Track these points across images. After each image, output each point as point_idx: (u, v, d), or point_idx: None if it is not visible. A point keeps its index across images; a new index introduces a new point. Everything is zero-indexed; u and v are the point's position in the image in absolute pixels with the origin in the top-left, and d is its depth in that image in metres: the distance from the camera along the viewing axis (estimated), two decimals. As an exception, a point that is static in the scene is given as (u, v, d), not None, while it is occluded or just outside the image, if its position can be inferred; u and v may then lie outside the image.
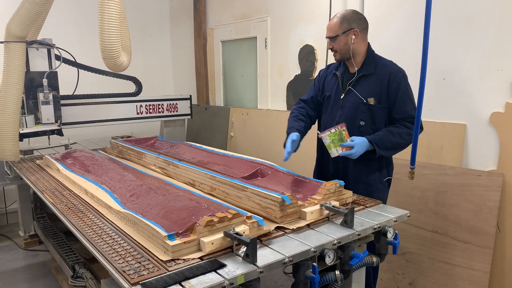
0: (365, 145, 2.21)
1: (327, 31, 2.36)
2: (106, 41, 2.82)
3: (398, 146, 2.28)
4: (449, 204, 2.72)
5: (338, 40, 2.30)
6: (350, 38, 2.29)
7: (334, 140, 2.19)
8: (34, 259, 3.95)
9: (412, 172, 1.90)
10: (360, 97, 2.32)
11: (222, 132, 4.89)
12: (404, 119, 2.28)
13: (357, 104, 2.32)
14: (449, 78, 2.79)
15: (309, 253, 1.59)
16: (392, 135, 2.24)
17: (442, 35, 2.80)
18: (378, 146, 2.21)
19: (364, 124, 2.32)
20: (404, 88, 2.28)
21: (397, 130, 2.26)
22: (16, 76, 3.09)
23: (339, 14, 2.34)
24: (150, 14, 5.80)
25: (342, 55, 2.35)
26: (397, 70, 2.31)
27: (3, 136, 3.06)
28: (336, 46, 2.33)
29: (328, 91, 2.49)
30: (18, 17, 2.96)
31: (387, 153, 2.29)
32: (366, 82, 2.33)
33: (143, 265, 1.45)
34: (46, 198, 2.31)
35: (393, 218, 1.93)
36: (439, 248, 2.75)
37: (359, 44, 2.33)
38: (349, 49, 2.31)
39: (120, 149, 3.43)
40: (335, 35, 2.30)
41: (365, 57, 2.36)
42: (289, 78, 4.07)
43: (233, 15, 4.74)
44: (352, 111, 2.34)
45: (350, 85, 2.37)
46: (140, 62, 5.67)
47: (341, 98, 2.40)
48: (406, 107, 2.28)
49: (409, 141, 2.22)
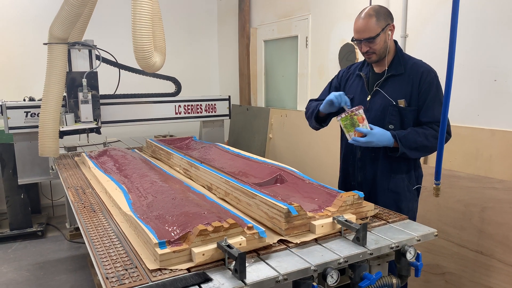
0: (385, 138, 2.03)
1: (362, 32, 2.08)
2: (138, 42, 2.85)
3: (422, 147, 2.07)
4: (497, 222, 2.40)
5: (378, 40, 2.06)
6: (387, 34, 2.08)
7: (347, 125, 2.04)
8: (76, 251, 4.15)
9: (437, 189, 1.66)
10: (389, 98, 2.13)
11: (262, 134, 4.80)
12: (431, 122, 2.08)
13: (386, 106, 2.14)
14: (501, 80, 2.47)
15: (308, 271, 1.45)
16: (418, 135, 2.05)
17: (495, 32, 2.48)
18: (401, 142, 2.03)
19: (393, 128, 2.12)
20: (435, 89, 2.08)
21: (423, 131, 2.06)
22: (58, 76, 3.24)
23: (370, 11, 2.08)
24: (199, 14, 5.87)
25: (380, 55, 2.12)
26: (429, 70, 2.10)
27: (44, 133, 3.22)
28: (375, 47, 2.08)
29: (352, 93, 2.30)
30: (59, 19, 3.10)
31: (410, 153, 2.07)
32: (395, 82, 2.13)
33: (129, 272, 1.40)
34: (68, 195, 2.37)
35: (416, 237, 1.71)
36: (483, 271, 2.44)
37: (391, 41, 2.14)
38: (387, 47, 2.10)
39: (153, 149, 3.47)
40: (375, 35, 2.04)
41: (393, 55, 2.16)
42: (328, 78, 3.86)
43: (275, 14, 4.63)
44: (380, 114, 2.15)
45: (378, 86, 2.18)
46: (188, 62, 5.78)
47: (367, 100, 2.21)
48: (435, 110, 2.07)
49: (435, 146, 2.01)
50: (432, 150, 2.10)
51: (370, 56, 2.13)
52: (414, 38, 3.03)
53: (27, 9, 4.77)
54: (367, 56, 2.15)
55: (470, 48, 2.62)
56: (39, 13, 4.70)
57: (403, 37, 3.08)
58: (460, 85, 2.68)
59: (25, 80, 4.82)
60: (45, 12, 4.33)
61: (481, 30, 2.57)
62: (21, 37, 4.78)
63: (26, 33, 4.77)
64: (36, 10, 4.76)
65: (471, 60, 2.63)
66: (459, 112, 2.70)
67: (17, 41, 4.78)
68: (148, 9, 2.78)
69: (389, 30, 2.09)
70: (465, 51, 2.63)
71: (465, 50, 2.63)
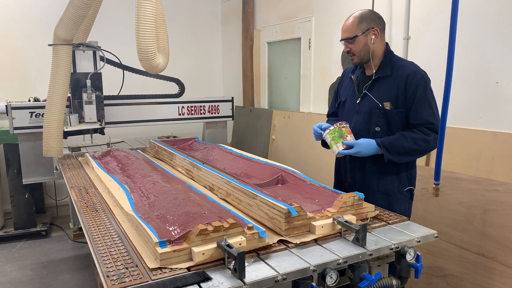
0: (371, 147, 2.08)
1: (343, 32, 2.19)
2: (141, 43, 2.87)
3: (411, 152, 2.08)
4: (499, 225, 2.39)
5: (357, 41, 2.14)
6: (370, 38, 2.14)
7: (335, 137, 2.12)
8: (80, 250, 4.18)
9: (437, 189, 1.67)
10: (376, 101, 2.16)
11: (265, 135, 4.81)
12: (420, 125, 2.08)
13: (373, 109, 2.17)
14: (503, 82, 2.46)
15: (307, 271, 1.46)
16: (405, 140, 2.06)
17: (496, 34, 2.48)
18: (387, 149, 2.06)
19: (379, 130, 2.15)
20: (422, 91, 2.07)
21: (411, 135, 2.07)
22: (62, 77, 3.27)
23: (356, 14, 2.18)
24: (203, 16, 5.90)
25: (361, 57, 2.18)
26: (415, 72, 2.09)
27: (48, 133, 3.25)
28: (354, 48, 2.16)
29: (344, 96, 2.36)
30: (63, 21, 3.12)
31: (399, 159, 2.09)
32: (382, 85, 2.16)
33: (130, 271, 1.41)
34: (72, 195, 2.39)
35: (415, 238, 1.72)
36: (485, 273, 2.43)
37: (378, 45, 2.17)
38: (369, 50, 2.15)
39: (156, 150, 3.49)
40: (353, 36, 2.13)
41: (382, 58, 2.19)
42: (331, 80, 3.89)
43: (279, 16, 4.65)
44: (368, 116, 2.19)
45: (366, 89, 2.21)
46: (192, 63, 5.81)
47: (357, 103, 2.25)
48: (423, 112, 2.07)
49: (425, 148, 2.08)
50: (422, 153, 2.13)
51: (352, 57, 2.21)
52: (416, 40, 3.03)
53: (32, 10, 4.82)
54: (351, 58, 2.23)
55: (472, 50, 2.62)
56: (44, 14, 4.75)
57: (406, 39, 3.08)
58: (462, 87, 2.68)
59: (30, 81, 4.86)
60: (50, 13, 4.37)
61: (483, 32, 2.56)
62: (26, 38, 4.82)
63: (31, 34, 4.81)
64: (41, 11, 4.80)
65: (473, 62, 2.62)
66: (461, 114, 2.70)
67: (22, 42, 4.83)
68: (151, 10, 2.79)
69: (373, 34, 2.13)
70: (467, 53, 2.63)
71: (467, 52, 2.63)
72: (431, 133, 2.05)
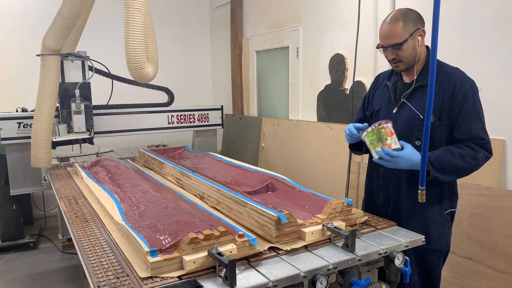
0: (413, 159, 1.78)
1: (387, 38, 1.88)
2: (131, 53, 2.88)
3: (458, 170, 1.82)
4: (485, 228, 2.44)
5: (406, 46, 1.86)
6: (417, 40, 1.88)
7: (373, 141, 1.83)
8: (69, 261, 4.12)
9: (422, 194, 1.70)
10: (416, 112, 1.91)
11: (255, 143, 4.84)
12: (468, 140, 1.84)
13: (413, 121, 1.92)
14: (485, 89, 2.52)
15: (298, 278, 1.48)
16: (453, 156, 1.80)
17: (477, 40, 2.55)
18: (433, 165, 1.77)
19: (420, 144, 1.83)
20: (471, 101, 1.84)
21: (458, 150, 1.82)
22: (50, 87, 3.26)
23: (397, 14, 1.87)
24: (191, 25, 5.93)
25: (409, 63, 1.92)
26: (464, 80, 1.87)
27: (36, 143, 3.23)
28: (402, 54, 1.88)
29: (378, 104, 2.10)
30: (52, 31, 3.12)
31: (444, 177, 1.82)
32: (424, 94, 1.84)
33: (121, 281, 1.42)
34: (61, 205, 2.38)
35: (404, 243, 1.75)
36: (473, 277, 2.47)
37: (422, 48, 1.92)
38: (416, 54, 1.88)
39: (146, 159, 3.49)
40: (402, 41, 1.84)
41: (424, 63, 1.95)
42: (320, 88, 3.94)
43: (267, 25, 4.70)
44: (406, 129, 1.93)
45: (405, 98, 1.97)
46: (181, 72, 5.82)
47: (393, 113, 2.00)
48: (472, 125, 1.83)
49: (473, 167, 1.84)
50: (468, 172, 1.86)
51: (397, 64, 1.93)
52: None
53: (20, 20, 4.79)
54: (394, 65, 1.95)
55: (455, 59, 2.68)
56: (32, 24, 4.72)
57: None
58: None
59: (18, 91, 4.82)
60: (38, 23, 4.35)
61: (464, 36, 2.63)
62: (14, 48, 4.79)
63: (19, 44, 4.78)
64: (29, 21, 4.78)
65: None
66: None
67: (10, 52, 4.79)
68: (140, 20, 2.81)
69: (419, 35, 1.88)
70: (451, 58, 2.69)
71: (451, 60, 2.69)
72: (480, 150, 1.82)
